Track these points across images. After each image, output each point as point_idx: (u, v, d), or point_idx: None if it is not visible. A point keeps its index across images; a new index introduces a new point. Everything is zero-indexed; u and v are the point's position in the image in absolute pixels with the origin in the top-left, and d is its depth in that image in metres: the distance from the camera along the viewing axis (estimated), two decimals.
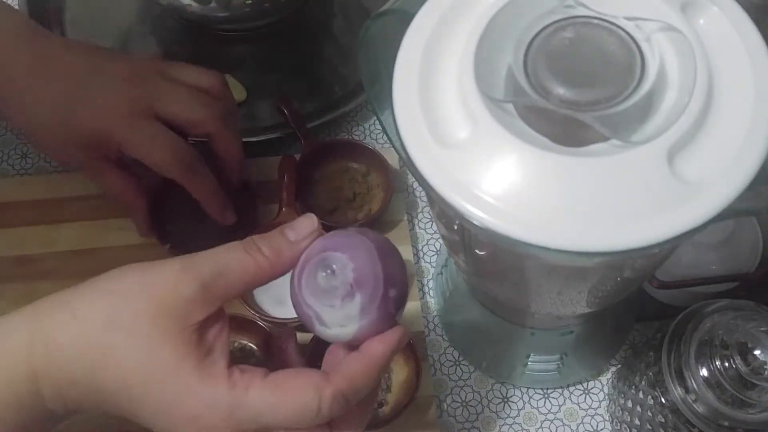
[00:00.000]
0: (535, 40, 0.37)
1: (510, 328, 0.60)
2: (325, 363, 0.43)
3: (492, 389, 0.63)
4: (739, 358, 0.48)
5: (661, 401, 0.52)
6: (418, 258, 0.68)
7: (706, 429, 0.49)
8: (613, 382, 0.63)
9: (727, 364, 0.48)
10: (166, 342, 0.38)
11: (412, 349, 0.60)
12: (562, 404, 0.63)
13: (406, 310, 0.64)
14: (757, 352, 0.49)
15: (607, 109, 0.35)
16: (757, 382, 0.47)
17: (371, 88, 0.45)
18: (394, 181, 0.68)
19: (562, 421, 0.62)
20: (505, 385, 0.63)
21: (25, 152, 0.72)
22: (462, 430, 0.62)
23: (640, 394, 0.55)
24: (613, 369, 0.64)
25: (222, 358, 0.39)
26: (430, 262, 0.68)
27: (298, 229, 0.42)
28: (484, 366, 0.64)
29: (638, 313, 0.65)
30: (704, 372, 0.49)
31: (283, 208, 0.65)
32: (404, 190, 0.71)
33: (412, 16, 0.41)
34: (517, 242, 0.36)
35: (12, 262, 0.65)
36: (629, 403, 0.57)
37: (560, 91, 0.36)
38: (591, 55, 0.37)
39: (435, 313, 0.66)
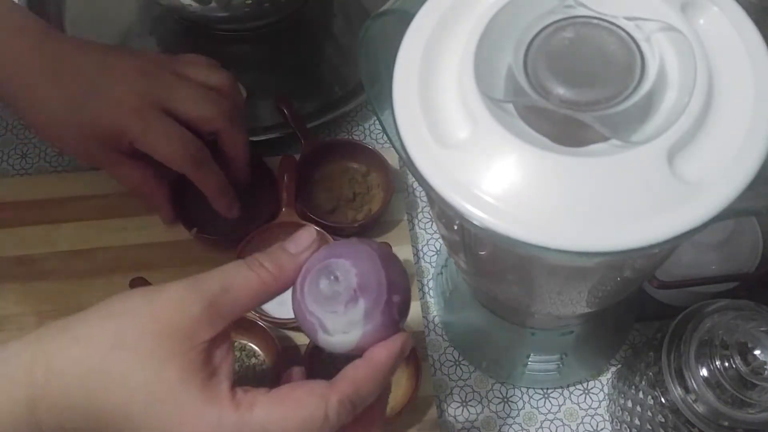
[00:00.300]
0: (535, 40, 0.37)
1: (510, 328, 0.60)
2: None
3: (492, 389, 0.63)
4: (739, 358, 0.48)
5: (661, 401, 0.52)
6: (418, 258, 0.68)
7: (706, 429, 0.49)
8: (613, 382, 0.63)
9: (727, 364, 0.48)
10: (172, 361, 0.38)
11: (412, 349, 0.60)
12: (562, 404, 0.63)
13: None
14: (757, 352, 0.49)
15: (607, 109, 0.35)
16: (757, 382, 0.47)
17: (371, 88, 0.45)
18: (394, 181, 0.68)
19: (562, 421, 0.62)
20: (505, 385, 0.63)
21: (25, 152, 0.72)
22: (462, 430, 0.62)
23: (640, 394, 0.55)
24: (613, 369, 0.64)
25: (226, 380, 0.39)
26: (430, 262, 0.68)
27: (297, 241, 0.42)
28: (484, 366, 0.64)
29: (638, 313, 0.65)
30: (704, 372, 0.49)
31: (283, 208, 0.65)
32: (404, 190, 0.71)
33: (412, 16, 0.41)
34: (517, 242, 0.36)
35: (12, 262, 0.65)
36: (629, 403, 0.57)
37: (560, 91, 0.36)
38: (591, 55, 0.37)
39: (435, 313, 0.66)
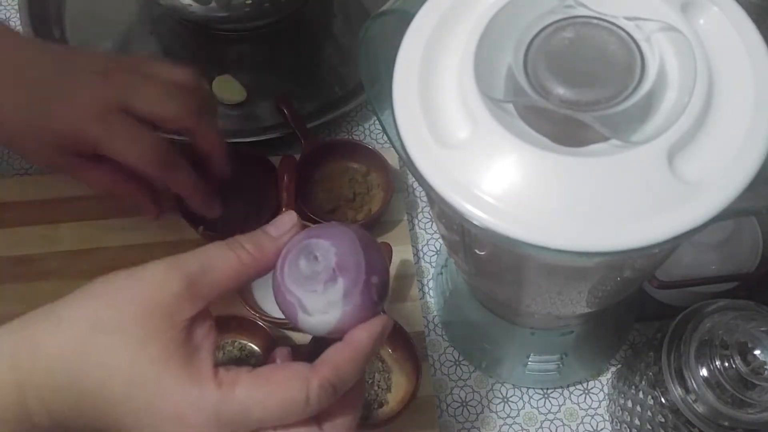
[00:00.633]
0: (535, 40, 0.37)
1: (510, 328, 0.60)
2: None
3: (492, 389, 0.63)
4: (739, 358, 0.48)
5: (661, 401, 0.52)
6: (418, 258, 0.68)
7: (706, 429, 0.49)
8: (613, 382, 0.63)
9: (727, 364, 0.48)
10: (153, 340, 0.38)
11: (412, 349, 0.60)
12: (562, 404, 0.63)
13: (406, 310, 0.64)
14: (757, 352, 0.49)
15: (607, 109, 0.35)
16: (757, 382, 0.47)
17: (371, 88, 0.45)
18: (394, 181, 0.68)
19: (562, 421, 0.62)
20: (505, 385, 0.63)
21: None
22: (462, 430, 0.62)
23: (640, 394, 0.55)
24: (613, 369, 0.64)
25: (208, 359, 0.39)
26: (430, 262, 0.68)
27: (278, 224, 0.42)
28: (484, 366, 0.64)
29: (638, 313, 0.65)
30: (704, 372, 0.49)
31: (283, 208, 0.65)
32: (404, 190, 0.71)
33: (412, 16, 0.41)
34: (517, 242, 0.36)
35: (12, 262, 0.65)
36: (629, 403, 0.57)
37: (560, 91, 0.36)
38: (591, 55, 0.37)
39: (435, 313, 0.66)
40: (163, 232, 0.66)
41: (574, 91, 0.36)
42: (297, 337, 0.63)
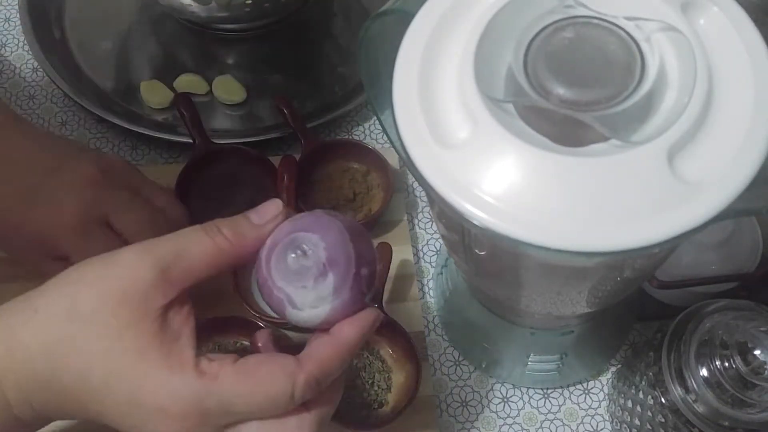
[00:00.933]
0: (535, 40, 0.37)
1: (510, 328, 0.60)
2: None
3: (492, 389, 0.63)
4: (739, 358, 0.48)
5: (661, 401, 0.52)
6: (418, 258, 0.68)
7: (706, 429, 0.49)
8: (613, 382, 0.63)
9: (727, 364, 0.48)
10: (128, 329, 0.37)
11: (412, 349, 0.60)
12: (562, 404, 0.63)
13: (406, 310, 0.64)
14: (757, 352, 0.49)
15: (607, 109, 0.35)
16: (757, 382, 0.47)
17: (371, 88, 0.45)
18: (394, 181, 0.68)
19: (562, 421, 0.62)
20: (505, 385, 0.63)
21: None
22: (462, 430, 0.62)
23: (640, 394, 0.55)
24: (613, 369, 0.64)
25: (189, 346, 0.38)
26: (430, 262, 0.68)
27: (261, 212, 0.41)
28: (484, 366, 0.64)
29: (638, 313, 0.65)
30: (704, 372, 0.49)
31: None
32: (404, 190, 0.71)
33: (412, 16, 0.41)
34: (517, 242, 0.36)
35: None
36: (629, 403, 0.57)
37: (560, 91, 0.36)
38: (591, 55, 0.37)
39: (435, 313, 0.66)
40: None
41: (574, 91, 0.36)
42: (297, 337, 0.63)
